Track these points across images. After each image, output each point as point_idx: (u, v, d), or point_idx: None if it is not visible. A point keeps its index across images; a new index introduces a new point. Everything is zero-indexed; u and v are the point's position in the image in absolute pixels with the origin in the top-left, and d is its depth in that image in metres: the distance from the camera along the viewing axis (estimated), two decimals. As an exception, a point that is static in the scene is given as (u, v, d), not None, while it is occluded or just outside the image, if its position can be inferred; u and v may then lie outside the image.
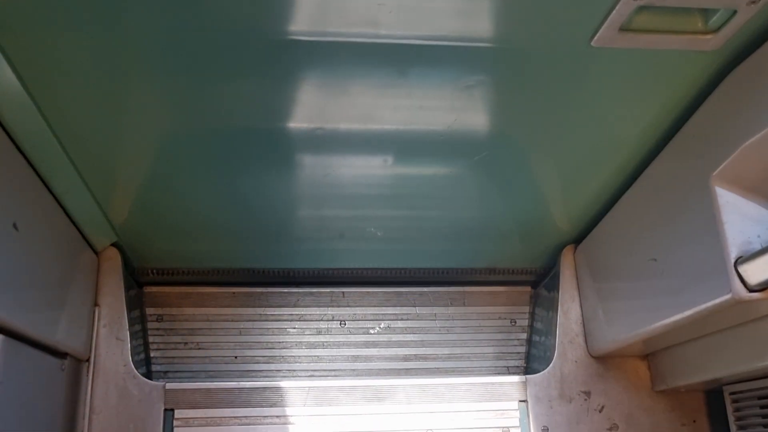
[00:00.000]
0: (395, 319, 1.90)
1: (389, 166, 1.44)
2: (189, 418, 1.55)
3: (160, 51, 1.06)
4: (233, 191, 1.50)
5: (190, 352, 1.82)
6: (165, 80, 1.13)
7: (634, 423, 1.64)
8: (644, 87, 1.20)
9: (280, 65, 1.11)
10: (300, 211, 1.62)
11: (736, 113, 1.10)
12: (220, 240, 1.71)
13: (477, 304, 1.94)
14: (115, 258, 1.65)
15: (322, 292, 1.91)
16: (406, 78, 1.17)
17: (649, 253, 1.36)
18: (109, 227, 1.58)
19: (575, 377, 1.67)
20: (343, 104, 1.22)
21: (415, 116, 1.27)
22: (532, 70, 1.15)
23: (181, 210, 1.56)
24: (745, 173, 1.10)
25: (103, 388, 1.55)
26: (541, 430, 1.62)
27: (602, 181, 1.50)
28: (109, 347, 1.58)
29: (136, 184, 1.45)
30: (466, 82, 1.18)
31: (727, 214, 1.10)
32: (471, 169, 1.45)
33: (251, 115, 1.25)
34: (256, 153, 1.36)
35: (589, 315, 1.68)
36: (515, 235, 1.76)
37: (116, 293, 1.62)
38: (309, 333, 1.87)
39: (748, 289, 1.06)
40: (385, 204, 1.61)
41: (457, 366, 1.87)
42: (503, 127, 1.32)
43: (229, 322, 1.85)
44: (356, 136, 1.33)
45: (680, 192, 1.25)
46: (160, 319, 1.83)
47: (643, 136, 1.34)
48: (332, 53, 1.09)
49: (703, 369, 1.45)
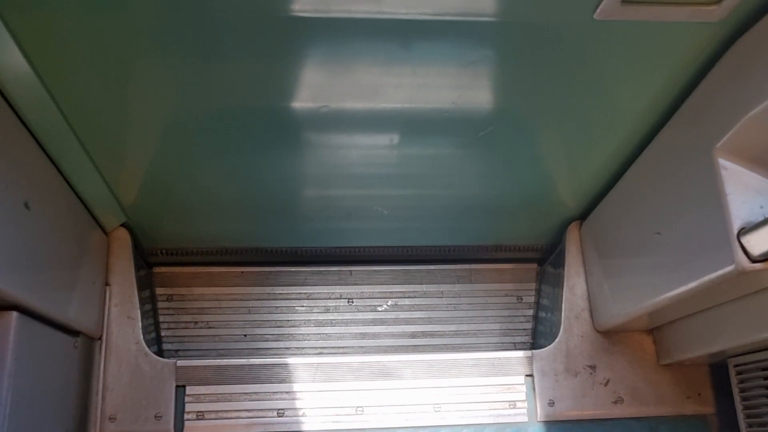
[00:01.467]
0: (402, 297, 1.92)
1: (395, 144, 1.45)
2: (200, 395, 1.58)
3: (166, 31, 1.07)
4: (241, 171, 1.51)
5: (200, 331, 1.84)
6: (171, 60, 1.14)
7: (639, 396, 1.66)
8: (648, 60, 1.20)
9: (284, 43, 1.11)
10: (307, 190, 1.64)
11: (740, 85, 1.11)
12: (229, 220, 1.72)
13: (483, 281, 1.95)
14: (124, 238, 1.67)
15: (330, 271, 1.93)
16: (409, 55, 1.17)
17: (653, 227, 1.37)
18: (119, 208, 1.60)
19: (581, 351, 1.69)
20: (347, 82, 1.23)
21: (420, 94, 1.28)
22: (535, 44, 1.15)
23: (189, 190, 1.58)
24: (748, 145, 1.11)
25: (116, 365, 1.57)
26: (547, 403, 1.64)
27: (607, 156, 1.51)
28: (120, 326, 1.60)
29: (145, 165, 1.47)
30: (470, 57, 1.18)
31: (730, 185, 1.11)
32: (476, 146, 1.46)
33: (257, 94, 1.25)
34: (262, 132, 1.37)
35: (595, 290, 1.70)
36: (521, 212, 1.77)
37: (126, 273, 1.64)
38: (317, 311, 1.89)
39: (751, 260, 1.07)
40: (392, 182, 1.62)
41: (464, 342, 1.89)
42: (507, 104, 1.33)
43: (238, 301, 1.88)
44: (361, 115, 1.33)
45: (684, 165, 1.25)
46: (170, 299, 1.86)
47: (648, 109, 1.34)
48: (336, 30, 1.09)
49: (707, 342, 1.46)
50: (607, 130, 1.42)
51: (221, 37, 1.09)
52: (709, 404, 1.67)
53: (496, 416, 1.63)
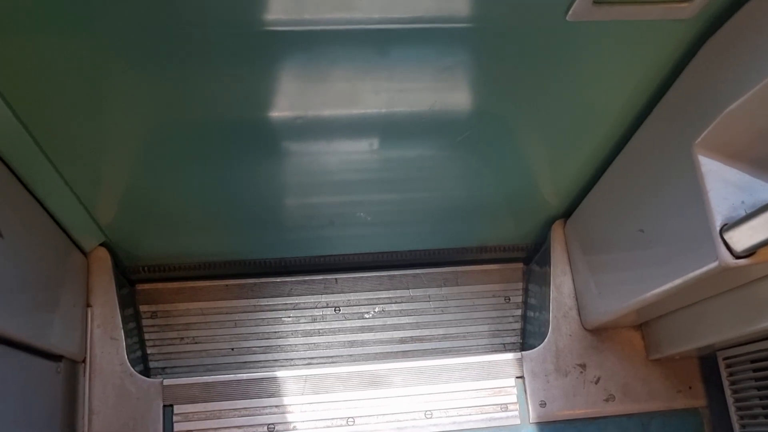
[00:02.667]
0: (389, 303, 1.91)
1: (375, 149, 1.44)
2: (188, 413, 1.56)
3: (137, 48, 1.04)
4: (220, 184, 1.49)
5: (186, 347, 1.82)
6: (143, 76, 1.12)
7: (630, 392, 1.66)
8: (623, 58, 1.19)
9: (259, 55, 1.10)
10: (288, 200, 1.62)
11: (716, 80, 1.10)
12: (210, 233, 1.70)
13: (470, 283, 1.95)
14: (104, 258, 1.64)
15: (315, 280, 1.91)
16: (386, 61, 1.16)
17: (636, 224, 1.37)
18: (97, 228, 1.58)
19: (570, 351, 1.68)
20: (324, 90, 1.22)
21: (398, 98, 1.26)
22: (510, 48, 1.14)
23: (168, 206, 1.55)
24: (727, 140, 1.10)
25: (101, 388, 1.55)
26: (539, 404, 1.63)
27: (588, 154, 1.50)
28: (104, 347, 1.58)
29: (121, 183, 1.45)
30: (446, 63, 1.17)
31: (710, 182, 1.10)
32: (457, 148, 1.45)
33: (234, 106, 1.24)
34: (241, 144, 1.35)
35: (582, 288, 1.69)
36: (504, 212, 1.76)
37: (108, 293, 1.62)
38: (304, 321, 1.87)
39: (735, 256, 1.06)
40: (374, 188, 1.61)
41: (454, 346, 1.88)
42: (486, 106, 1.32)
43: (223, 314, 1.86)
44: (340, 122, 1.32)
45: (664, 162, 1.25)
46: (154, 316, 1.83)
47: (626, 107, 1.33)
48: (310, 41, 1.08)
49: (696, 336, 1.46)
50: (587, 129, 1.41)
51: (195, 51, 1.07)
52: (700, 397, 1.67)
53: (488, 420, 1.62)
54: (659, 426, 1.65)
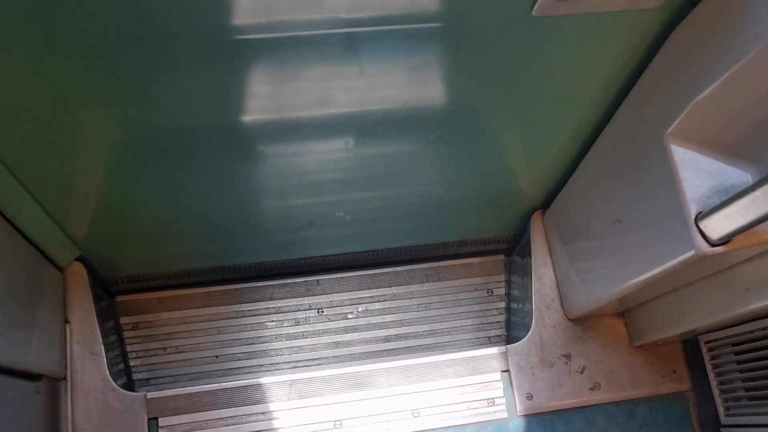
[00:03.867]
0: (372, 302, 1.90)
1: (351, 149, 1.43)
2: (174, 425, 1.55)
3: (102, 60, 1.03)
4: (195, 191, 1.47)
5: (170, 356, 1.80)
6: (110, 88, 1.10)
7: (615, 380, 1.66)
8: (593, 49, 1.19)
9: (228, 62, 1.09)
10: (266, 204, 1.61)
11: (685, 69, 1.10)
12: (188, 241, 1.68)
13: (452, 278, 1.94)
14: (80, 272, 1.62)
15: (297, 282, 1.90)
16: (356, 62, 1.15)
17: (613, 214, 1.37)
18: (71, 242, 1.55)
19: (554, 342, 1.68)
20: (296, 92, 1.21)
21: (370, 98, 1.26)
22: (479, 44, 1.14)
23: (143, 216, 1.53)
24: (698, 129, 1.10)
25: (84, 404, 1.53)
26: (525, 397, 1.63)
27: (563, 144, 1.50)
28: (84, 363, 1.56)
29: (93, 197, 1.42)
30: (415, 61, 1.16)
31: (684, 170, 1.10)
32: (433, 144, 1.44)
33: (205, 113, 1.22)
34: (214, 150, 1.34)
35: (563, 279, 1.69)
36: (483, 205, 1.76)
37: (86, 307, 1.59)
38: (287, 324, 1.86)
39: (711, 244, 1.06)
40: (351, 187, 1.59)
41: (439, 341, 1.88)
42: (459, 101, 1.31)
43: (206, 322, 1.84)
44: (314, 123, 1.31)
45: (637, 151, 1.25)
46: (135, 327, 1.81)
47: (598, 97, 1.33)
48: (280, 45, 1.07)
49: (677, 322, 1.46)
50: (561, 120, 1.41)
51: (162, 61, 1.06)
52: (684, 381, 1.68)
53: (475, 415, 1.62)
54: (646, 411, 1.66)
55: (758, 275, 1.21)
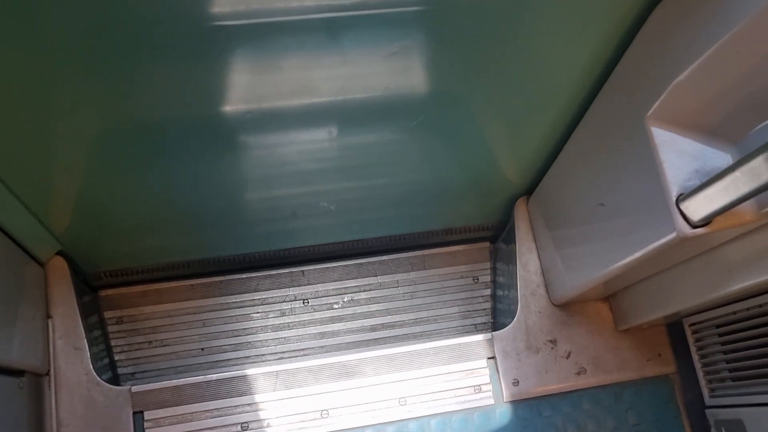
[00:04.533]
0: (358, 291, 1.90)
1: (334, 138, 1.42)
2: (159, 418, 1.54)
3: (78, 52, 1.01)
4: (177, 183, 1.46)
5: (155, 350, 1.79)
6: (88, 80, 1.09)
7: (601, 364, 1.67)
8: (574, 30, 1.18)
9: (208, 51, 1.08)
10: (249, 195, 1.60)
11: (664, 51, 1.09)
12: (171, 234, 1.67)
13: (438, 266, 1.94)
14: (62, 267, 1.60)
15: (282, 274, 1.89)
16: (336, 49, 1.14)
17: (596, 198, 1.37)
18: (51, 237, 1.53)
19: (540, 328, 1.69)
20: (276, 81, 1.20)
21: (351, 85, 1.25)
22: (458, 28, 1.13)
23: (124, 209, 1.52)
24: (678, 111, 1.10)
25: (68, 399, 1.52)
26: (512, 383, 1.64)
27: (546, 129, 1.49)
28: (67, 358, 1.54)
29: (73, 190, 1.41)
30: (395, 47, 1.16)
31: (664, 153, 1.10)
32: (416, 132, 1.44)
33: (185, 104, 1.21)
34: (195, 142, 1.33)
35: (548, 265, 1.69)
36: (468, 192, 1.76)
37: (68, 302, 1.58)
38: (273, 316, 1.85)
39: (692, 226, 1.06)
40: (335, 177, 1.59)
41: (425, 330, 1.87)
42: (440, 87, 1.30)
43: (191, 315, 1.83)
44: (295, 112, 1.30)
45: (618, 134, 1.25)
46: (120, 322, 1.80)
47: (579, 81, 1.33)
48: (259, 32, 1.06)
49: (661, 304, 1.47)
50: (543, 105, 1.41)
51: (139, 52, 1.05)
52: (669, 364, 1.69)
53: (462, 403, 1.62)
54: (632, 395, 1.66)
55: (740, 256, 1.21)
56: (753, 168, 0.89)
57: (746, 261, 1.20)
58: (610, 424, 1.64)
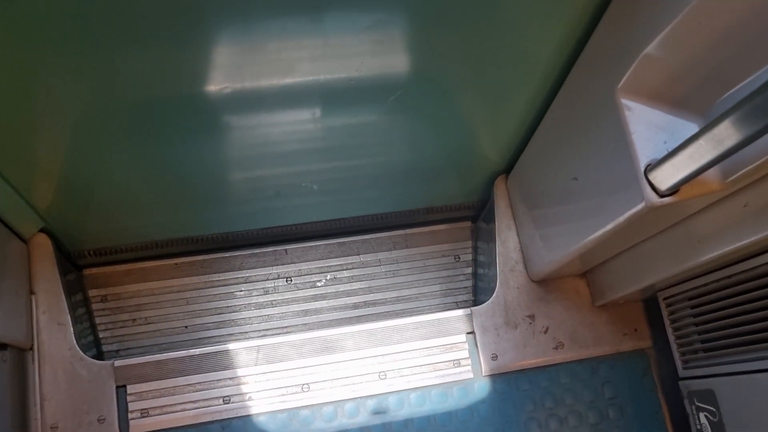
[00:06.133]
0: (341, 270, 1.92)
1: (316, 118, 1.44)
2: (142, 392, 1.56)
3: (63, 28, 1.02)
4: (161, 161, 1.47)
5: (139, 328, 1.81)
6: (72, 57, 1.10)
7: (578, 339, 1.70)
8: (547, 6, 1.20)
9: (190, 31, 1.09)
10: (233, 174, 1.61)
11: (633, 23, 1.11)
12: (155, 212, 1.68)
13: (420, 245, 1.96)
14: (45, 244, 1.61)
15: (265, 252, 1.91)
16: (319, 27, 1.15)
17: (570, 173, 1.39)
18: (35, 213, 1.55)
19: (519, 303, 1.71)
20: (256, 59, 1.21)
21: (331, 65, 1.26)
22: (435, 6, 1.14)
23: (108, 188, 1.53)
24: (647, 82, 1.12)
25: (51, 374, 1.53)
26: (490, 357, 1.66)
27: (522, 106, 1.51)
28: (51, 333, 1.56)
29: (56, 167, 1.42)
30: (371, 21, 1.17)
31: (633, 124, 1.13)
32: (395, 112, 1.45)
33: (168, 82, 1.22)
34: (178, 120, 1.34)
35: (526, 241, 1.72)
36: (448, 171, 1.78)
37: (51, 279, 1.59)
38: (256, 294, 1.87)
39: (660, 195, 1.09)
40: (317, 157, 1.60)
41: (407, 308, 1.90)
42: (418, 65, 1.32)
43: (175, 293, 1.85)
44: (275, 91, 1.31)
45: (590, 108, 1.27)
46: (104, 300, 1.82)
47: (554, 55, 1.34)
48: (240, 10, 1.07)
49: (636, 278, 1.49)
50: (519, 80, 1.42)
51: (121, 28, 1.05)
52: (645, 338, 1.72)
53: (441, 377, 1.64)
54: (608, 369, 1.69)
55: (708, 227, 1.24)
56: (715, 135, 0.92)
57: (714, 232, 1.23)
58: (587, 397, 1.67)
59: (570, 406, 1.66)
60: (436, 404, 1.63)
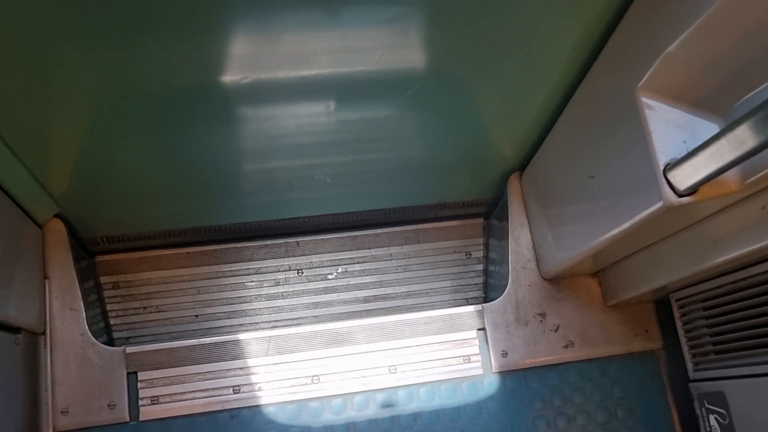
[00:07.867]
0: (352, 263, 1.92)
1: (330, 111, 1.43)
2: (153, 379, 1.56)
3: (80, 17, 1.03)
4: (176, 150, 1.48)
5: (150, 315, 1.82)
6: (89, 45, 1.10)
7: (588, 338, 1.70)
8: (567, 3, 1.19)
9: (209, 20, 1.09)
10: (246, 165, 1.61)
11: (656, 22, 1.11)
12: (168, 201, 1.69)
13: (431, 240, 1.96)
14: (60, 230, 1.62)
15: (277, 244, 1.91)
16: (338, 19, 1.15)
17: (587, 171, 1.39)
18: (50, 199, 1.55)
19: (530, 301, 1.71)
20: (274, 51, 1.21)
21: (349, 58, 1.26)
22: (455, 2, 1.14)
23: (123, 175, 1.54)
24: (668, 81, 1.12)
25: (63, 358, 1.54)
26: (500, 354, 1.66)
27: (539, 104, 1.51)
28: (63, 318, 1.57)
29: (73, 154, 1.42)
30: (392, 14, 1.17)
31: (653, 123, 1.12)
32: (411, 106, 1.45)
33: (185, 72, 1.22)
34: (194, 110, 1.34)
35: (539, 239, 1.72)
36: (462, 168, 1.77)
37: (65, 265, 1.60)
38: (267, 285, 1.88)
39: (678, 195, 1.08)
40: (331, 150, 1.60)
41: (417, 303, 1.90)
42: (436, 61, 1.32)
43: (186, 282, 1.85)
44: (292, 83, 1.31)
45: (610, 107, 1.26)
46: (116, 287, 1.82)
47: (573, 52, 1.33)
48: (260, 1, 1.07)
49: (649, 278, 1.49)
50: (537, 79, 1.42)
51: (140, 17, 1.05)
52: (656, 340, 1.72)
53: (451, 372, 1.65)
54: (617, 369, 1.69)
55: (724, 228, 1.23)
56: (737, 136, 0.91)
57: (731, 233, 1.23)
58: (596, 397, 1.67)
59: (579, 404, 1.66)
60: (445, 399, 1.63)
